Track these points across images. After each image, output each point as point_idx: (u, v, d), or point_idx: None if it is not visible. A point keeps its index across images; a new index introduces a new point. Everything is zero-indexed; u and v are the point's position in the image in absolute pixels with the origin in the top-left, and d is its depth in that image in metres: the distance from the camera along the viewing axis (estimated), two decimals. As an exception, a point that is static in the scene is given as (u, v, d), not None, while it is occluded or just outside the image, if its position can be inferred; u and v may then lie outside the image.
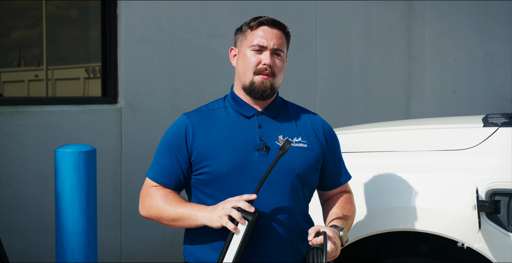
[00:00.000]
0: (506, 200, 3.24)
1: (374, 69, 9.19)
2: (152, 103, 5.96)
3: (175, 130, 2.87)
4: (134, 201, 5.78)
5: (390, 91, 9.65)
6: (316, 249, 2.66)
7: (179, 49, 6.20)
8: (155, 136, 5.96)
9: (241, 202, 2.56)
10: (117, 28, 5.76)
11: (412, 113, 10.11)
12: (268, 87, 2.85)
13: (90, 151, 4.04)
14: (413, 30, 10.13)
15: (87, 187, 3.99)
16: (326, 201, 3.09)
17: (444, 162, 3.48)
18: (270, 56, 2.85)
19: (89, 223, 4.00)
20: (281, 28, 2.90)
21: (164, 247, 6.07)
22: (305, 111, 3.04)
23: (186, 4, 6.24)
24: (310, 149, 2.89)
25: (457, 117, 4.87)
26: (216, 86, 6.55)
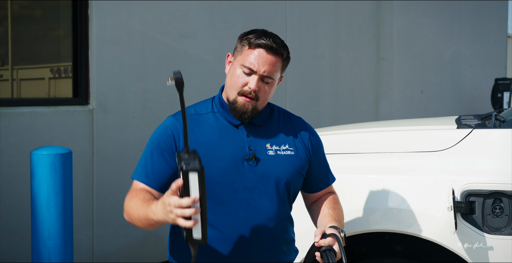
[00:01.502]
0: (481, 201, 3.27)
1: (343, 70, 9.23)
2: (124, 104, 5.94)
3: (163, 132, 2.83)
4: (106, 203, 5.76)
5: (359, 92, 9.71)
6: (328, 251, 2.66)
7: (150, 50, 6.18)
8: (126, 137, 5.94)
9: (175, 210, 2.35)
10: (89, 29, 5.73)
11: (380, 114, 10.17)
12: (249, 110, 2.80)
13: (66, 153, 4.02)
14: (382, 31, 10.19)
15: (63, 190, 3.97)
16: (314, 203, 3.10)
17: (420, 164, 3.51)
18: (257, 81, 2.78)
19: (65, 226, 3.98)
20: (278, 54, 2.81)
21: (136, 248, 6.05)
22: (291, 116, 3.03)
23: (157, 5, 6.23)
24: (297, 156, 2.90)
25: (431, 119, 4.92)
26: (187, 87, 6.50)
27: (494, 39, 15.02)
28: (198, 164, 2.32)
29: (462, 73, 13.14)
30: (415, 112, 11.11)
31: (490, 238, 3.24)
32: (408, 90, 10.99)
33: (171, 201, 2.35)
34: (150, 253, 6.18)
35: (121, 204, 5.79)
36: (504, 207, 3.25)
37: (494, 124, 3.69)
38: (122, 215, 5.87)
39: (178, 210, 2.32)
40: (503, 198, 3.25)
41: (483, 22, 14.27)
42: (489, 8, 14.64)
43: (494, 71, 14.88)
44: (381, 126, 4.39)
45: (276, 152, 2.85)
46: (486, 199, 3.27)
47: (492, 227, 3.26)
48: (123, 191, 5.84)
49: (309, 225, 3.16)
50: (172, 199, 2.34)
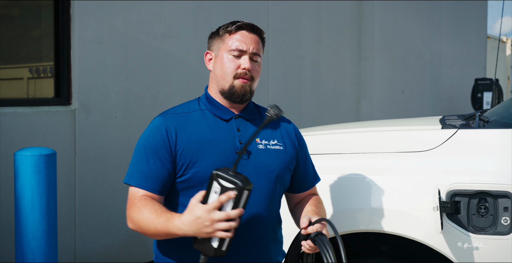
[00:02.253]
0: (466, 200, 3.29)
1: (325, 70, 9.25)
2: (106, 104, 5.91)
3: (156, 133, 2.80)
4: (88, 204, 5.74)
5: (341, 92, 9.73)
6: (320, 235, 2.65)
7: (132, 50, 6.16)
8: (109, 138, 5.91)
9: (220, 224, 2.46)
10: (71, 29, 5.69)
11: (362, 114, 10.20)
12: (248, 91, 2.85)
13: (50, 154, 3.99)
14: (363, 31, 10.22)
15: (48, 191, 3.93)
16: (297, 204, 3.10)
17: (405, 164, 3.52)
18: (249, 61, 2.85)
19: (49, 227, 3.95)
20: (258, 33, 2.91)
21: (118, 249, 6.03)
22: None
23: (140, 5, 6.21)
24: (285, 151, 2.92)
25: (415, 119, 4.93)
26: (170, 87, 6.52)
27: (473, 39, 15.12)
28: (250, 184, 2.49)
29: (443, 73, 13.21)
30: (396, 112, 11.16)
31: (475, 238, 3.26)
32: (389, 90, 11.03)
33: (214, 216, 2.45)
34: (132, 253, 6.16)
35: (103, 205, 5.79)
36: (489, 207, 3.27)
37: (478, 124, 3.71)
38: (104, 216, 5.89)
39: (224, 224, 2.44)
40: (488, 198, 3.27)
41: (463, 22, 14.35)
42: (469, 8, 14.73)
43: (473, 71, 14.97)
44: (366, 126, 4.40)
45: (266, 146, 2.88)
46: (471, 199, 3.28)
47: (477, 227, 3.27)
48: (106, 192, 5.85)
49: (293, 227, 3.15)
50: (217, 214, 2.45)
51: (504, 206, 3.24)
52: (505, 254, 3.23)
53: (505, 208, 3.24)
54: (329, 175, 3.59)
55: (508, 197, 3.23)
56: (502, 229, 3.25)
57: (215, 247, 2.49)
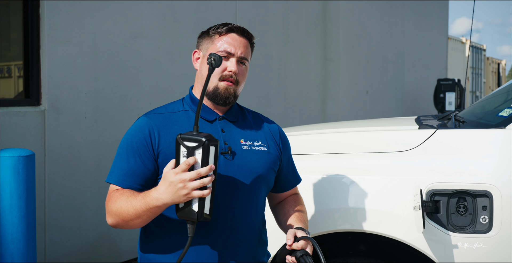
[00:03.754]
0: (446, 200, 3.32)
1: (291, 71, 9.28)
2: (76, 105, 5.87)
3: (138, 132, 2.79)
4: (58, 205, 5.69)
5: (307, 92, 9.77)
6: (305, 255, 2.69)
7: (102, 50, 6.12)
8: (79, 139, 5.87)
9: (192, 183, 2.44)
10: (40, 29, 5.64)
11: (327, 114, 10.25)
12: (232, 94, 2.86)
13: (29, 155, 3.95)
14: (328, 31, 10.28)
15: (27, 193, 3.89)
16: (279, 204, 3.12)
17: (385, 164, 3.54)
18: (236, 64, 2.85)
19: (28, 229, 3.91)
20: (248, 37, 2.91)
21: (88, 251, 5.99)
22: (260, 116, 3.09)
23: (109, 4, 6.17)
24: (269, 152, 2.93)
25: (391, 119, 4.97)
26: (139, 87, 6.49)
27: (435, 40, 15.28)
28: (216, 139, 2.48)
29: (406, 73, 13.34)
30: (361, 112, 11.24)
31: (455, 237, 3.29)
32: (353, 90, 11.11)
33: (184, 176, 2.44)
34: (102, 255, 6.13)
35: (73, 206, 5.75)
36: (468, 206, 3.31)
37: (455, 124, 3.75)
38: (75, 218, 5.84)
39: (196, 182, 2.43)
40: (467, 197, 3.31)
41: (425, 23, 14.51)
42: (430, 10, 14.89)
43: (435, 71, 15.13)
44: (345, 127, 4.42)
45: (250, 147, 2.89)
46: (451, 198, 3.32)
47: (456, 226, 3.31)
48: (76, 193, 5.81)
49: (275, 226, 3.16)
50: (186, 174, 2.44)
51: (483, 205, 3.29)
52: (484, 252, 3.28)
53: (484, 207, 3.29)
54: (310, 175, 3.60)
55: (487, 196, 3.28)
56: (481, 228, 3.29)
57: (196, 210, 2.49)
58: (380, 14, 12.15)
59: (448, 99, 13.15)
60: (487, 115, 3.93)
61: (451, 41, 23.25)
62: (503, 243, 3.27)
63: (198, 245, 2.73)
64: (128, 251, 6.36)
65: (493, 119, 3.66)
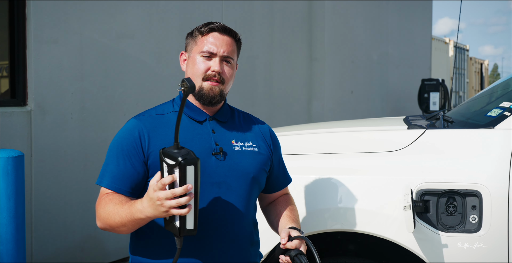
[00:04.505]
0: (435, 199, 3.34)
1: (277, 71, 9.29)
2: (62, 105, 5.84)
3: (128, 135, 2.78)
4: (44, 206, 5.66)
5: (293, 92, 9.78)
6: (299, 255, 2.70)
7: (88, 50, 6.10)
8: (65, 139, 5.84)
9: (169, 202, 2.43)
10: (26, 28, 5.61)
11: (313, 114, 10.27)
12: (217, 93, 2.84)
13: (19, 156, 3.93)
14: (314, 32, 10.29)
15: (16, 193, 3.87)
16: (270, 204, 3.12)
17: (375, 164, 3.55)
18: (220, 63, 2.83)
19: (18, 230, 3.89)
20: (232, 35, 2.89)
21: (75, 252, 5.97)
22: (251, 117, 3.08)
23: (95, 5, 6.15)
24: (260, 153, 2.93)
25: (379, 119, 4.99)
26: (125, 87, 6.48)
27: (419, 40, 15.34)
28: (194, 157, 2.43)
29: (390, 73, 13.38)
30: (346, 112, 11.27)
31: (444, 236, 3.31)
32: (339, 91, 11.13)
33: (160, 195, 2.42)
34: (89, 256, 6.10)
35: (59, 207, 5.72)
36: (457, 205, 3.32)
37: (444, 124, 3.77)
38: (61, 218, 5.81)
39: (172, 201, 2.40)
40: (456, 196, 3.32)
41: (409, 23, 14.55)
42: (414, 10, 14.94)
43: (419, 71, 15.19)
44: (335, 127, 4.43)
45: (242, 148, 2.88)
46: (440, 198, 3.34)
47: (446, 225, 3.33)
48: (62, 194, 5.79)
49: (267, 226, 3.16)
50: (161, 193, 2.42)
51: (472, 205, 3.30)
52: (473, 251, 3.29)
53: (473, 206, 3.30)
54: (300, 175, 3.60)
55: (476, 195, 3.29)
56: (470, 227, 3.31)
57: (178, 226, 2.48)
58: (365, 15, 12.18)
59: (432, 99, 13.20)
60: (476, 115, 3.95)
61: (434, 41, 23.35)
62: (493, 242, 3.28)
63: (189, 245, 2.73)
64: (115, 252, 6.34)
65: (481, 119, 3.67)
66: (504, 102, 3.71)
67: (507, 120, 3.46)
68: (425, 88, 13.34)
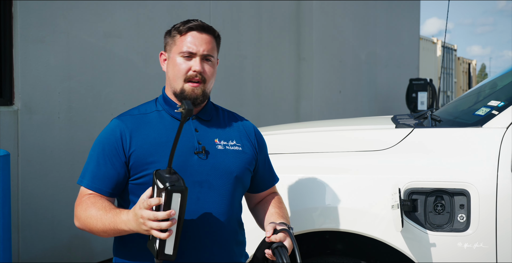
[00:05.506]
0: (423, 198, 3.33)
1: (265, 70, 9.28)
2: (49, 104, 5.81)
3: (109, 135, 2.78)
4: (31, 205, 5.64)
5: (281, 92, 9.77)
6: (280, 247, 2.68)
7: (75, 50, 6.07)
8: (52, 139, 5.82)
9: (150, 223, 2.44)
10: (13, 28, 5.58)
11: (301, 113, 10.27)
12: (200, 94, 2.82)
13: (4, 155, 3.90)
14: (302, 31, 10.29)
15: (2, 193, 3.84)
16: (258, 204, 3.10)
17: (362, 163, 3.55)
18: (200, 62, 2.81)
19: (4, 230, 3.86)
20: (210, 32, 2.87)
21: (62, 252, 5.94)
22: (236, 115, 3.06)
23: (82, 4, 6.12)
24: (244, 151, 2.91)
25: (367, 118, 4.98)
26: (113, 87, 6.45)
27: (407, 40, 15.36)
28: (183, 186, 2.43)
29: (378, 73, 13.39)
30: (334, 111, 11.27)
31: (432, 235, 3.30)
32: (327, 90, 11.13)
33: (143, 214, 2.43)
34: (76, 256, 6.08)
35: (46, 206, 5.70)
36: (445, 204, 3.32)
37: (431, 123, 3.76)
38: (48, 218, 5.79)
39: (153, 223, 2.41)
40: (444, 195, 3.32)
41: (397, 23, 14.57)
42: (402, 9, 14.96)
43: (407, 71, 15.21)
44: (322, 126, 4.43)
45: (225, 147, 2.87)
46: (428, 197, 3.33)
47: (434, 224, 3.32)
48: (49, 193, 5.76)
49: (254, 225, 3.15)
50: (145, 212, 2.42)
51: (460, 204, 3.30)
52: (461, 250, 3.29)
53: (461, 205, 3.30)
54: (287, 175, 3.59)
55: (464, 194, 3.29)
56: (458, 226, 3.31)
57: (156, 248, 2.48)
58: (353, 14, 12.19)
59: (420, 98, 13.23)
60: (464, 114, 3.95)
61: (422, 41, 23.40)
62: (481, 241, 3.28)
63: None
64: (102, 252, 6.31)
65: (469, 118, 3.67)
66: (492, 101, 3.71)
67: (495, 119, 3.46)
68: (413, 87, 13.37)
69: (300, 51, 10.23)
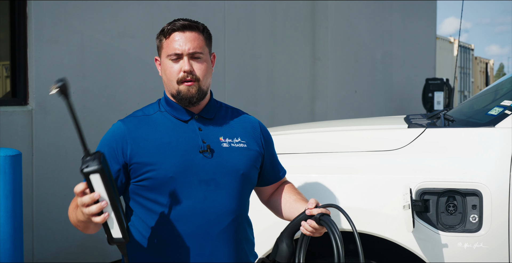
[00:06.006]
0: (435, 198, 3.31)
1: (280, 70, 9.27)
2: (63, 104, 5.75)
3: (111, 137, 2.79)
4: (45, 205, 5.66)
5: (295, 92, 9.76)
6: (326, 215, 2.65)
7: (89, 49, 6.09)
8: (66, 138, 5.83)
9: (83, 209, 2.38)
10: (27, 28, 5.61)
11: (316, 113, 10.25)
12: (195, 93, 2.79)
13: (16, 155, 3.92)
14: (317, 31, 10.27)
15: (13, 193, 3.86)
16: (273, 195, 3.08)
17: (374, 163, 3.53)
18: (188, 62, 2.78)
19: (15, 230, 3.87)
20: (194, 29, 2.82)
21: (76, 251, 5.96)
22: (240, 112, 3.04)
23: (96, 4, 6.14)
24: (249, 148, 2.89)
25: (379, 118, 4.96)
26: (127, 86, 6.47)
27: (423, 40, 15.30)
28: (97, 165, 2.32)
29: (394, 73, 13.34)
30: (349, 111, 11.24)
31: (444, 236, 3.28)
32: (342, 90, 11.10)
33: (78, 202, 2.38)
34: (90, 255, 6.10)
35: (60, 206, 5.72)
36: (458, 205, 3.30)
37: (444, 123, 3.74)
38: (62, 218, 5.81)
39: (85, 209, 2.36)
40: (457, 195, 3.30)
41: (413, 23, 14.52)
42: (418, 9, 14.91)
43: (424, 71, 15.15)
44: (333, 125, 4.41)
45: (230, 144, 2.85)
46: (440, 197, 3.31)
47: (446, 225, 3.30)
48: (63, 193, 5.77)
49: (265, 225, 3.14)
50: (78, 200, 2.38)
51: (473, 204, 3.28)
52: (474, 251, 3.27)
53: (474, 205, 3.28)
54: (298, 175, 3.58)
55: (476, 195, 3.27)
56: (470, 227, 3.28)
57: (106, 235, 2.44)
58: (369, 14, 12.16)
59: (437, 98, 13.17)
60: (477, 114, 3.92)
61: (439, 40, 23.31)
62: (493, 242, 3.26)
63: (181, 244, 2.72)
64: (116, 251, 6.33)
65: (482, 118, 3.65)
66: (505, 100, 3.68)
67: (507, 119, 3.43)
68: (429, 87, 13.32)
69: (315, 50, 10.21)
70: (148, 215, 2.75)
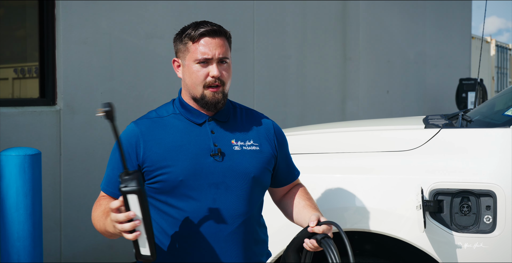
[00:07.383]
0: (449, 199, 3.32)
1: (310, 70, 9.27)
2: (91, 104, 5.91)
3: (124, 140, 2.81)
4: (73, 204, 5.74)
5: (326, 92, 9.75)
6: (327, 238, 2.67)
7: (117, 50, 6.16)
8: (94, 138, 5.91)
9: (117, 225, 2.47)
10: (55, 29, 5.69)
11: (347, 114, 10.23)
12: (220, 98, 2.83)
13: (35, 154, 3.99)
14: (348, 31, 10.25)
15: (33, 191, 3.93)
16: (285, 196, 3.09)
17: (389, 163, 3.54)
18: (217, 67, 2.81)
19: (34, 227, 3.95)
20: (222, 34, 2.85)
21: (103, 250, 6.03)
22: (254, 113, 3.05)
23: (124, 5, 6.21)
24: (262, 151, 2.90)
25: (398, 118, 4.96)
26: (155, 87, 6.53)
27: (458, 39, 15.17)
28: (135, 186, 2.42)
29: (427, 73, 13.25)
30: (381, 112, 11.19)
31: (458, 236, 3.28)
32: (374, 90, 11.06)
33: (111, 217, 2.48)
34: (117, 254, 6.16)
35: (88, 206, 5.78)
36: (472, 206, 3.30)
37: (461, 124, 3.74)
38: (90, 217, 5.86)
39: (118, 225, 2.45)
40: (471, 196, 3.30)
41: (447, 22, 14.41)
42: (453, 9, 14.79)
43: (458, 71, 15.02)
44: (349, 126, 4.42)
45: (242, 147, 2.87)
46: (454, 198, 3.31)
47: (460, 226, 3.30)
48: (91, 192, 5.85)
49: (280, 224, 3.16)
50: (112, 216, 2.47)
51: (487, 205, 3.28)
52: (487, 252, 3.26)
53: (488, 206, 3.27)
54: (313, 175, 3.60)
55: (491, 195, 3.26)
56: (484, 228, 3.28)
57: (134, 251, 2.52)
58: (401, 14, 12.09)
59: (470, 98, 13.06)
60: (494, 115, 3.91)
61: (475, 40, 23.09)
62: (507, 243, 3.25)
63: (190, 246, 2.75)
64: (144, 250, 6.38)
65: (499, 118, 3.64)
66: (523, 101, 3.67)
67: (523, 120, 3.42)
68: (463, 87, 13.21)
69: (346, 51, 10.19)
70: (159, 216, 2.80)
